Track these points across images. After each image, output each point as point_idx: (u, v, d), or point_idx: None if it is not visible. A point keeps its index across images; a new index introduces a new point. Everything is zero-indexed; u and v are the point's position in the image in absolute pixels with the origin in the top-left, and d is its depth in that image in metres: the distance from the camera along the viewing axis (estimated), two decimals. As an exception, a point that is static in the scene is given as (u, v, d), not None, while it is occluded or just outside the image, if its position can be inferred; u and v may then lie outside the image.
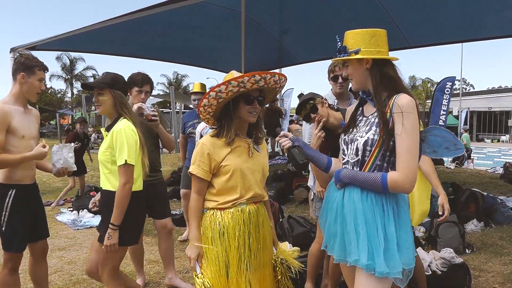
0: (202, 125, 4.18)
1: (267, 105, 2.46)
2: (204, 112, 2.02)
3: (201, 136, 3.86)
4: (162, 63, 11.47)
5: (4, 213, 2.67)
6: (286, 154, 1.98)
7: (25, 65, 2.71)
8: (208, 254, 2.01)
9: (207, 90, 4.30)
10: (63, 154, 2.80)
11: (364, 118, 1.90)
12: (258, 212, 2.08)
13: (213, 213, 2.04)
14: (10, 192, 2.68)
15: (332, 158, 2.05)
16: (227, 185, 2.02)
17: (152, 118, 3.23)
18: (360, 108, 1.97)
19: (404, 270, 1.74)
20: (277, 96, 8.24)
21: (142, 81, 3.30)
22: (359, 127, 1.88)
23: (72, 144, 2.96)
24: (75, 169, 2.91)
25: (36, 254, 2.91)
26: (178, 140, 4.56)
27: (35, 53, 8.23)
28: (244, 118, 2.03)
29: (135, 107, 3.21)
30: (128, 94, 3.38)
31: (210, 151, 2.01)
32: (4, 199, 2.67)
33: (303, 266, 2.40)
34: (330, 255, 1.93)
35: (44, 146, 2.73)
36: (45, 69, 2.80)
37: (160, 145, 3.62)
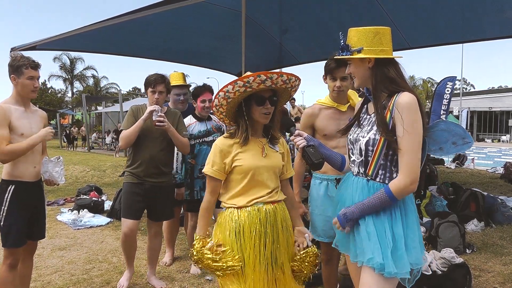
0: (187, 121, 3.80)
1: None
2: (217, 112, 2.06)
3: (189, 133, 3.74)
4: (163, 63, 11.46)
5: (3, 208, 2.73)
6: (301, 154, 1.97)
7: (13, 66, 2.74)
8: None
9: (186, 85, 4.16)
10: (48, 168, 2.88)
11: (368, 117, 1.90)
12: (276, 212, 2.07)
13: (230, 212, 2.06)
14: (9, 188, 2.74)
15: (345, 156, 2.05)
16: (242, 183, 2.03)
17: (156, 124, 3.20)
18: (365, 106, 1.97)
19: (412, 270, 1.74)
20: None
21: (155, 81, 3.35)
22: (363, 126, 1.89)
23: (61, 157, 3.01)
24: (63, 182, 2.99)
25: (23, 253, 2.91)
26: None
27: (35, 53, 8.24)
28: (256, 119, 2.04)
29: (148, 109, 3.24)
30: (147, 96, 3.46)
31: (222, 150, 2.04)
32: (4, 195, 2.73)
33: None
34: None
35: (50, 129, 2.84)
36: (34, 66, 2.77)
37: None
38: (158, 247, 3.67)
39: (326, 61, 2.71)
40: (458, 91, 37.91)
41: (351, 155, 1.93)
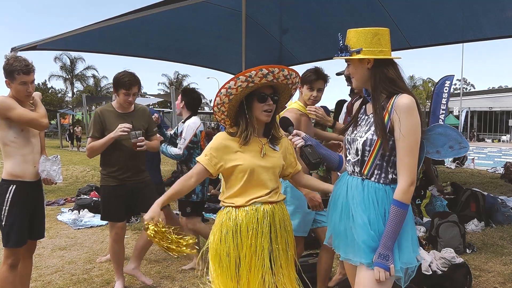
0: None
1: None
2: (219, 111, 2.03)
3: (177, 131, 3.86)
4: (163, 62, 11.55)
5: (4, 208, 2.73)
6: (299, 153, 1.97)
7: (6, 70, 2.70)
8: (220, 252, 2.01)
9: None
10: (46, 166, 2.87)
11: (366, 117, 1.90)
12: (275, 212, 2.06)
13: (228, 211, 2.06)
14: (10, 188, 2.74)
15: (342, 156, 2.06)
16: (241, 183, 2.02)
17: (138, 149, 3.16)
18: (364, 106, 1.97)
19: (407, 269, 1.75)
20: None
21: (129, 83, 3.20)
22: (361, 126, 1.89)
23: (58, 156, 2.99)
24: (60, 180, 2.98)
25: (23, 252, 2.90)
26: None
27: (36, 53, 8.23)
28: (258, 118, 2.03)
29: (120, 128, 3.09)
30: (115, 95, 3.32)
31: (220, 144, 2.03)
32: (5, 195, 2.73)
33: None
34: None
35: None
36: (26, 71, 2.68)
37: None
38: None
39: (304, 72, 2.94)
40: (458, 91, 37.95)
41: (347, 154, 1.94)
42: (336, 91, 6.24)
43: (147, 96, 31.81)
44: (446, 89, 9.35)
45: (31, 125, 2.78)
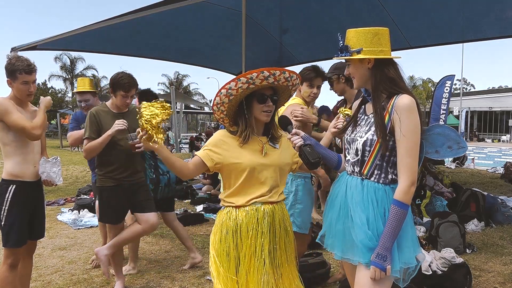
0: None
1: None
2: (218, 111, 2.04)
3: None
4: (163, 62, 11.56)
5: (3, 207, 2.73)
6: (298, 153, 1.98)
7: (8, 70, 2.71)
8: (221, 252, 2.02)
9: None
10: (46, 168, 2.87)
11: (365, 117, 1.90)
12: (275, 212, 2.06)
13: (228, 211, 2.06)
14: (10, 188, 2.74)
15: (341, 155, 2.06)
16: (240, 181, 2.02)
17: (136, 151, 3.12)
18: (363, 106, 1.97)
19: (408, 268, 1.75)
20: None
21: (129, 86, 3.20)
22: (360, 126, 1.89)
23: (58, 158, 2.99)
24: (60, 182, 2.99)
25: (23, 252, 2.90)
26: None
27: (36, 53, 8.22)
28: (258, 118, 2.04)
29: (116, 127, 3.09)
30: (111, 95, 3.30)
31: (220, 140, 2.03)
32: (5, 195, 2.73)
33: None
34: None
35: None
36: (28, 71, 2.70)
37: None
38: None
39: (302, 70, 3.00)
40: (458, 91, 37.95)
41: (347, 154, 1.94)
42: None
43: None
44: (447, 89, 9.36)
45: (22, 133, 2.73)
